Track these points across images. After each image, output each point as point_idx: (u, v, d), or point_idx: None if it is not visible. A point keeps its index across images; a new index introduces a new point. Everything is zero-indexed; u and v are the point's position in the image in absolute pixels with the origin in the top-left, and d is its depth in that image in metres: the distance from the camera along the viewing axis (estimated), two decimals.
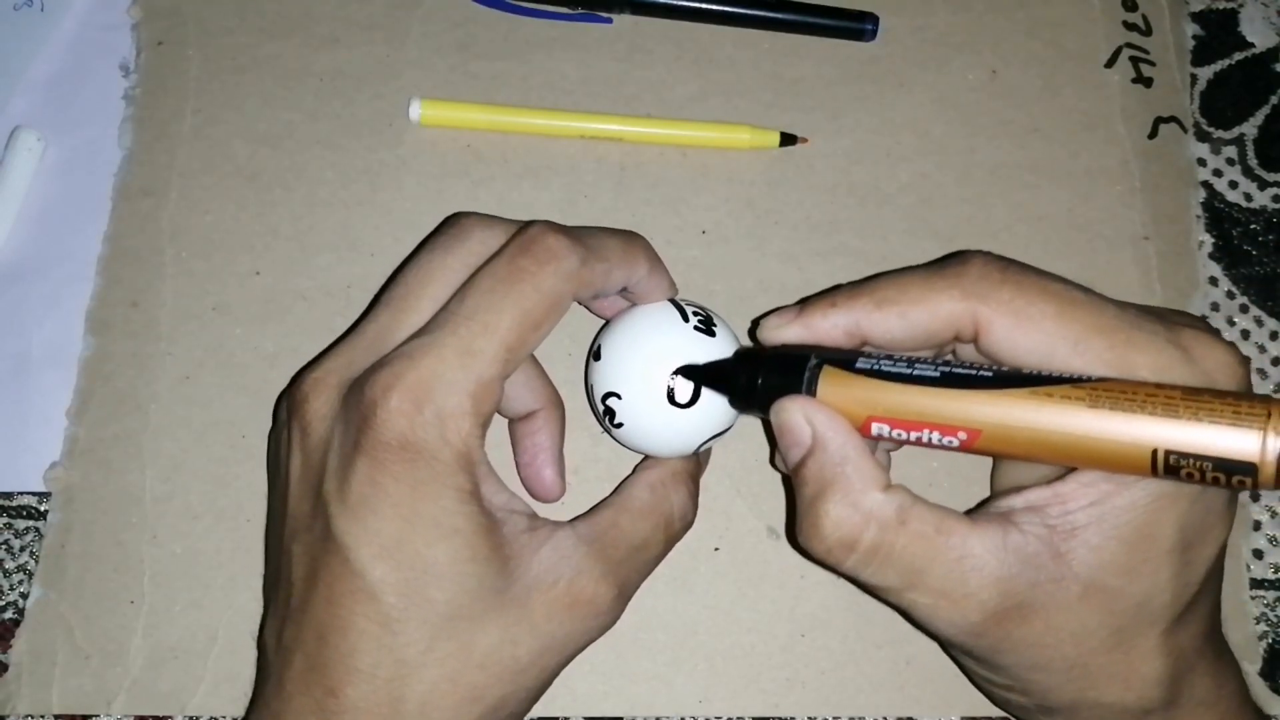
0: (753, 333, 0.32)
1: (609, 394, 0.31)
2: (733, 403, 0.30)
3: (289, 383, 0.34)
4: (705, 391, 0.30)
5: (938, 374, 0.27)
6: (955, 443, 0.27)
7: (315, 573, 0.27)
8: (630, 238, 0.31)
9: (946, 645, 0.31)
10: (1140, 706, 0.28)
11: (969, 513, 0.28)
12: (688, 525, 0.33)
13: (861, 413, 0.27)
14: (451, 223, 0.31)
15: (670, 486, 0.31)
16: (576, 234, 0.29)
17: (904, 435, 0.27)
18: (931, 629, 0.28)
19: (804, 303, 0.29)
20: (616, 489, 0.32)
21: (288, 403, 0.30)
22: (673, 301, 0.32)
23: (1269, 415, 0.23)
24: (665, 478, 0.32)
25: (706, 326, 0.31)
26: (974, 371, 0.27)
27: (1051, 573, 0.26)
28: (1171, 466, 0.24)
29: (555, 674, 0.29)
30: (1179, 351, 0.26)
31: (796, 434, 0.28)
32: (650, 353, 0.30)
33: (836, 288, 0.29)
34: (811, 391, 0.28)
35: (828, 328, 0.29)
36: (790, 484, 0.31)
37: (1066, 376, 0.26)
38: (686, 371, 0.30)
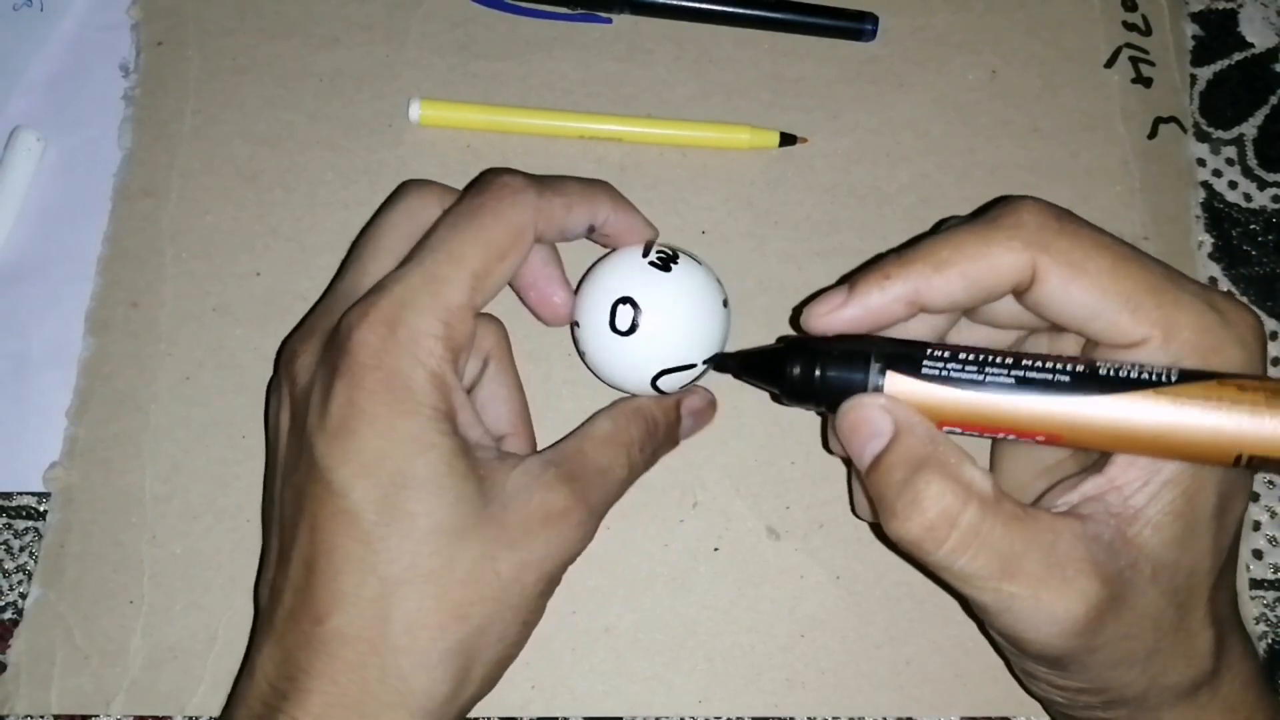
0: (796, 324, 0.31)
1: (574, 324, 0.32)
2: (782, 396, 0.30)
3: (277, 352, 0.34)
4: (645, 321, 0.31)
5: (1011, 380, 0.26)
6: (1032, 442, 0.27)
7: (301, 506, 0.28)
8: (591, 180, 0.32)
9: (1024, 651, 0.28)
10: (1195, 681, 0.28)
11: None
12: (648, 461, 0.33)
13: (932, 417, 0.27)
14: (394, 192, 0.33)
15: (631, 420, 0.32)
16: (534, 175, 0.30)
17: (977, 435, 0.27)
18: (1022, 630, 0.26)
19: (851, 281, 0.28)
20: (582, 424, 0.32)
21: (279, 365, 0.31)
22: (650, 243, 0.33)
23: None
24: (627, 411, 0.32)
25: (664, 262, 0.32)
26: (1049, 375, 0.26)
27: (1129, 558, 0.26)
28: (1254, 464, 0.25)
29: (537, 599, 0.29)
30: (1216, 314, 0.26)
31: (875, 425, 0.27)
32: (600, 283, 0.32)
33: (880, 258, 0.28)
34: (878, 389, 0.27)
35: (886, 302, 0.27)
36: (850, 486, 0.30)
37: (1144, 379, 0.25)
38: (721, 361, 0.31)
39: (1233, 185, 0.42)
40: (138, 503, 0.36)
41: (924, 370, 0.27)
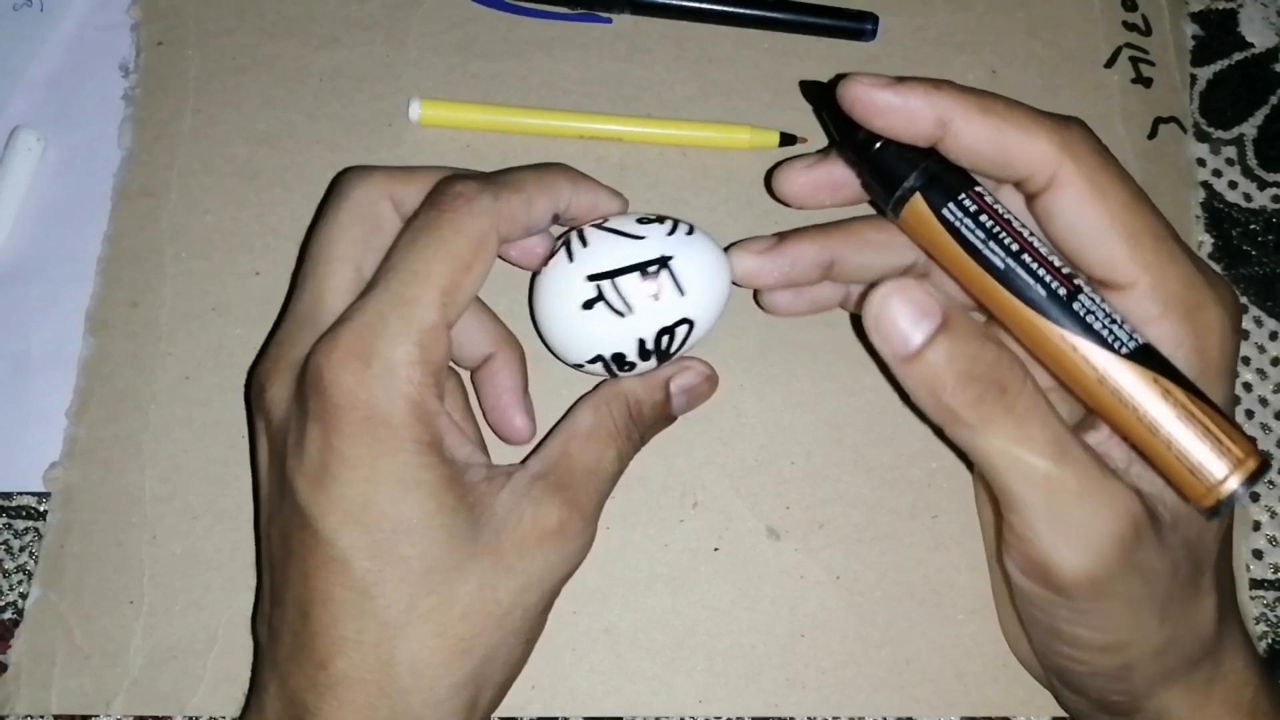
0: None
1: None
2: (839, 135, 0.30)
3: (245, 381, 0.34)
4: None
5: (1003, 266, 0.27)
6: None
7: (289, 550, 0.27)
8: (545, 165, 0.31)
9: (1060, 577, 0.27)
10: (1202, 648, 0.29)
11: None
12: (637, 446, 0.32)
13: (928, 247, 0.29)
14: (332, 187, 0.31)
15: (613, 405, 0.31)
16: (488, 175, 0.30)
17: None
18: (1052, 544, 0.26)
19: (903, 79, 0.29)
20: (565, 414, 0.32)
21: (250, 398, 0.30)
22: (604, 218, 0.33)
23: (1243, 460, 0.26)
24: (608, 397, 0.32)
25: (649, 220, 0.32)
26: (1033, 281, 0.27)
27: (1150, 501, 0.27)
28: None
29: (540, 616, 0.29)
30: (1202, 275, 0.28)
31: (926, 306, 0.26)
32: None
33: (936, 81, 0.29)
34: (905, 197, 0.28)
35: (921, 108, 0.28)
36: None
37: (1103, 336, 0.26)
38: (810, 88, 0.34)
39: (1233, 185, 0.42)
40: (138, 503, 0.36)
41: (944, 213, 0.28)
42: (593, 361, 0.32)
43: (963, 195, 0.28)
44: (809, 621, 0.36)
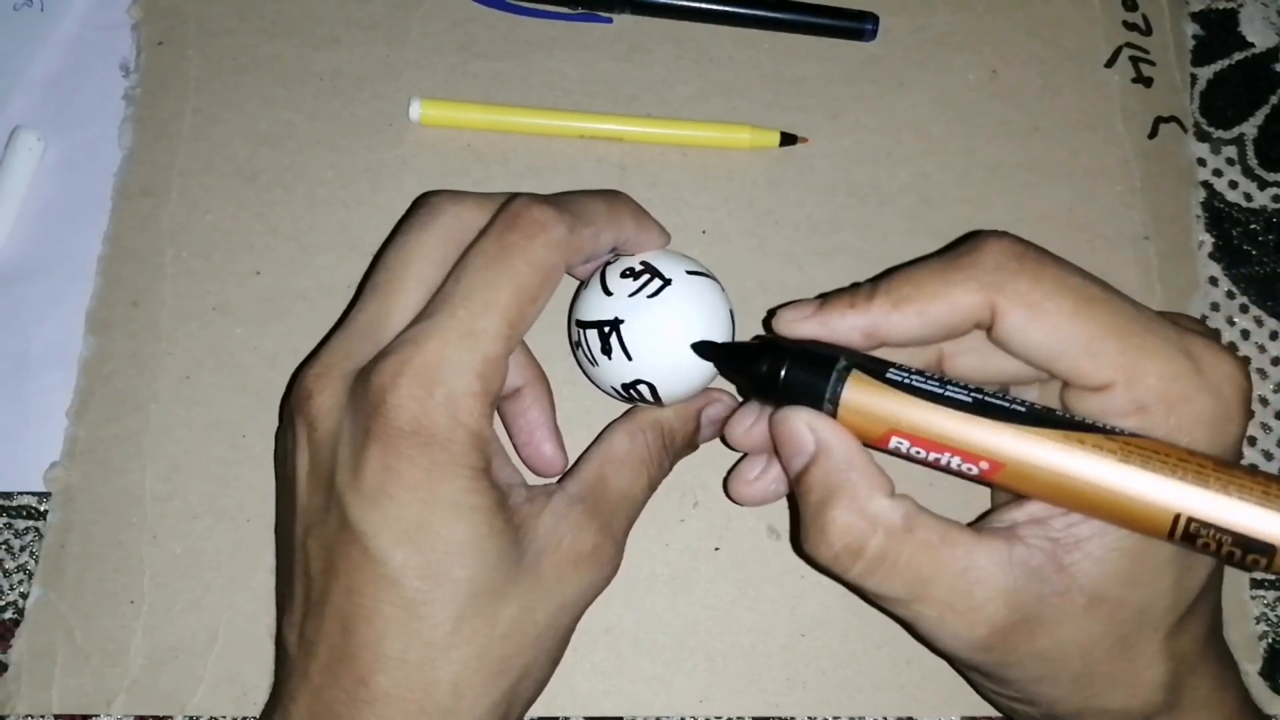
0: (766, 323, 0.31)
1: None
2: (750, 391, 0.30)
3: (290, 380, 0.34)
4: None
5: (969, 399, 0.26)
6: (974, 470, 0.26)
7: (334, 564, 0.27)
8: (613, 197, 0.31)
9: (951, 659, 0.30)
10: (1143, 711, 0.28)
11: (971, 525, 0.28)
12: (666, 472, 0.33)
13: (884, 424, 0.27)
14: (422, 202, 0.31)
15: (649, 432, 0.32)
16: (560, 202, 0.29)
17: (923, 454, 0.27)
18: (937, 643, 0.28)
19: (824, 299, 0.29)
20: (598, 437, 0.32)
21: (291, 401, 0.30)
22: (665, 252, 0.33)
23: None
24: (644, 424, 0.32)
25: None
26: (1006, 403, 0.26)
27: (1056, 586, 0.26)
28: (1190, 534, 0.24)
29: (568, 636, 0.30)
30: (1189, 361, 0.26)
31: (799, 442, 0.28)
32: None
33: (856, 286, 0.29)
34: (836, 395, 0.27)
35: (845, 329, 0.28)
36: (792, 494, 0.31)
37: (1100, 425, 0.25)
38: (700, 348, 0.31)
39: (1233, 185, 0.42)
40: (138, 503, 0.36)
41: (888, 375, 0.27)
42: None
43: (894, 363, 0.27)
44: (809, 621, 0.36)
